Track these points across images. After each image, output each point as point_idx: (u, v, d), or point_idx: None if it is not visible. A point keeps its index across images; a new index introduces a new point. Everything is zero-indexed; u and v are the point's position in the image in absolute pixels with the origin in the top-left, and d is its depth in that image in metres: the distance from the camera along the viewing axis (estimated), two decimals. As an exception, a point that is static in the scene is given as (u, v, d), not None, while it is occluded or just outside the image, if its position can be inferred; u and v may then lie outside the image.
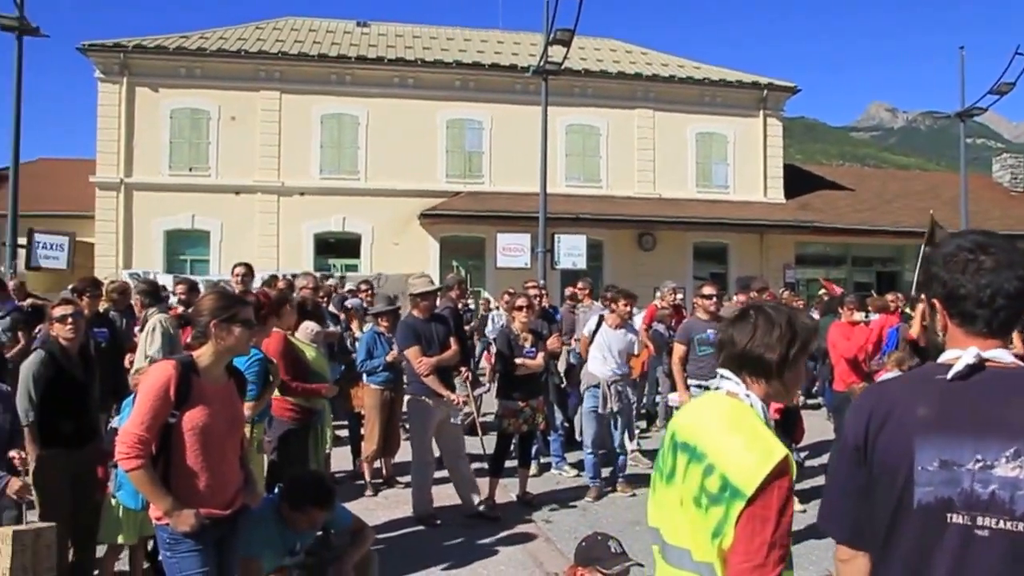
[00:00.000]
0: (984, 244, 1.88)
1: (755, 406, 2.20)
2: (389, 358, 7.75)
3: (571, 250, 21.25)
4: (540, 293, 9.72)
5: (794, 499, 2.06)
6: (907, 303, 10.95)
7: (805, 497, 7.12)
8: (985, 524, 1.74)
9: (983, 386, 1.81)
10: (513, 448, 7.69)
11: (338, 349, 8.87)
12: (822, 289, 17.23)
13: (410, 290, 7.30)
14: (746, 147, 26.66)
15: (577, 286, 10.81)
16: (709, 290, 7.94)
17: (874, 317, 9.79)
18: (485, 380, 10.11)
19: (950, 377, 1.83)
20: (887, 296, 11.21)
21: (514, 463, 7.74)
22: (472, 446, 7.69)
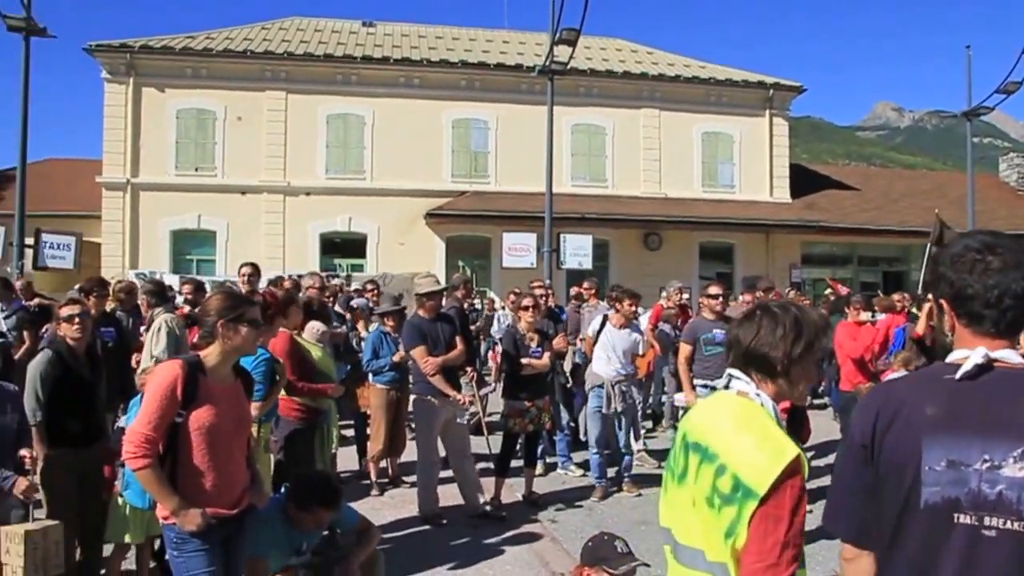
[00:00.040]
0: (992, 244, 1.88)
1: (765, 405, 2.20)
2: (396, 358, 7.75)
3: (577, 250, 21.25)
4: (546, 293, 9.72)
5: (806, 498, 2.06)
6: (913, 303, 10.92)
7: (811, 497, 7.02)
8: (992, 524, 1.74)
9: (991, 386, 1.80)
10: (519, 448, 7.70)
11: (344, 349, 8.87)
12: (828, 289, 17.22)
13: (416, 290, 7.30)
14: (752, 147, 26.63)
15: (583, 286, 10.80)
16: (715, 290, 7.91)
17: (880, 317, 9.77)
18: (491, 380, 10.10)
19: (958, 377, 1.83)
20: (893, 296, 11.15)
21: (520, 463, 7.74)
22: (478, 446, 7.68)
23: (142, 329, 7.95)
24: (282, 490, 4.80)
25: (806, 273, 26.46)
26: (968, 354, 1.85)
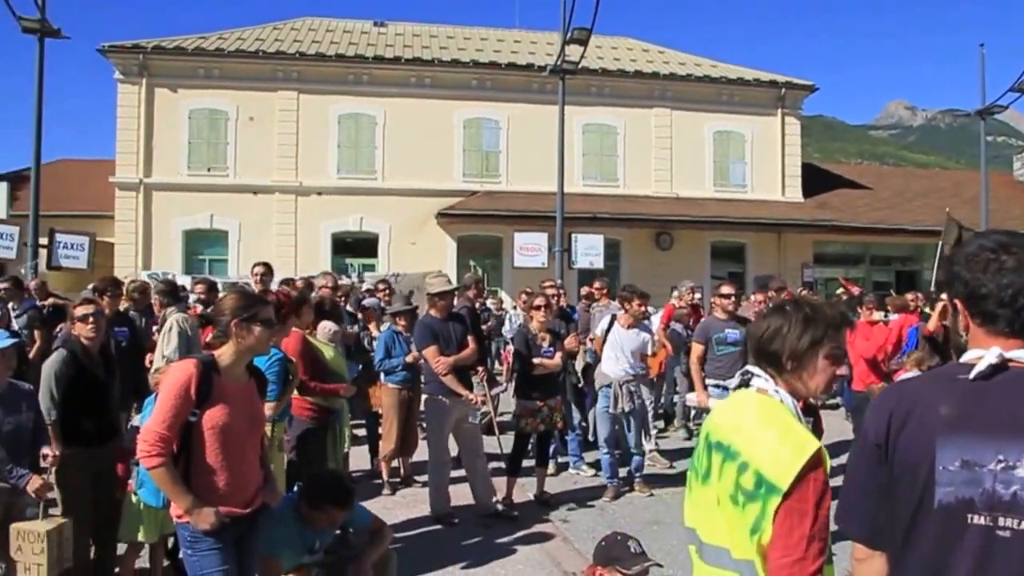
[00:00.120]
0: (1006, 244, 1.87)
1: (785, 401, 2.22)
2: (409, 359, 7.77)
3: (588, 249, 21.21)
4: (558, 293, 9.72)
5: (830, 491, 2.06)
6: (927, 302, 10.88)
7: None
8: (1007, 525, 1.73)
9: (1006, 386, 1.79)
10: (530, 447, 7.70)
11: (356, 348, 8.90)
12: (841, 288, 17.15)
13: (428, 289, 7.31)
14: (764, 146, 26.54)
15: (594, 286, 10.80)
16: (727, 289, 7.89)
17: (893, 317, 9.73)
18: (502, 379, 10.11)
19: (972, 377, 1.82)
20: (906, 295, 11.12)
21: (531, 462, 7.74)
22: (489, 445, 7.69)
23: (154, 329, 8.00)
24: (295, 489, 4.82)
25: (818, 272, 26.37)
26: (982, 354, 1.84)
